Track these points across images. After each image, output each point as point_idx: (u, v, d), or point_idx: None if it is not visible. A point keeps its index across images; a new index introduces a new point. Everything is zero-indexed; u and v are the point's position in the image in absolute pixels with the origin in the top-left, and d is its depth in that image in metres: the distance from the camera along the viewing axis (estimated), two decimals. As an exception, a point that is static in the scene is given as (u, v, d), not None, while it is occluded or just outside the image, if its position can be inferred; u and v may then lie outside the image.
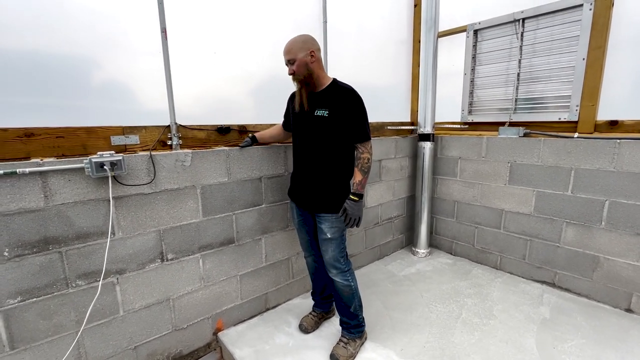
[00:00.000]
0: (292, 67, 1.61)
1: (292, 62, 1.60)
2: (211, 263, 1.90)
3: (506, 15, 2.54)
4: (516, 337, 1.92)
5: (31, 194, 1.33)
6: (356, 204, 1.62)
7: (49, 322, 1.43)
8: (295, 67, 1.60)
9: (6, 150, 1.35)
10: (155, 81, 1.69)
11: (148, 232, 1.65)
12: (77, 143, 1.51)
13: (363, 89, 1.82)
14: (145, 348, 1.72)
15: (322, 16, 2.36)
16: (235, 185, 1.93)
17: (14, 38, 1.33)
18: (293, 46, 1.60)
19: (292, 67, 1.61)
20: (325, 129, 1.63)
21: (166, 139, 1.75)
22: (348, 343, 1.81)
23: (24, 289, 1.36)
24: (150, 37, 1.65)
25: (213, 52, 1.88)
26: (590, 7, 2.14)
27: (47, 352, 1.43)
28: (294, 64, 1.60)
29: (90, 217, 1.48)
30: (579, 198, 2.27)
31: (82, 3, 1.46)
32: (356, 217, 1.63)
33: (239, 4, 1.94)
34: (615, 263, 2.18)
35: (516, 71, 2.56)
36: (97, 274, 1.51)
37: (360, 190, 1.63)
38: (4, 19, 1.30)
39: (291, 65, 1.61)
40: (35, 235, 1.36)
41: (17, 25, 1.33)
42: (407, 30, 3.07)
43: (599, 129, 2.22)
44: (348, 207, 1.62)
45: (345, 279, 1.76)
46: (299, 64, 1.59)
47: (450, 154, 2.98)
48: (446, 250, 3.17)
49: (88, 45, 1.49)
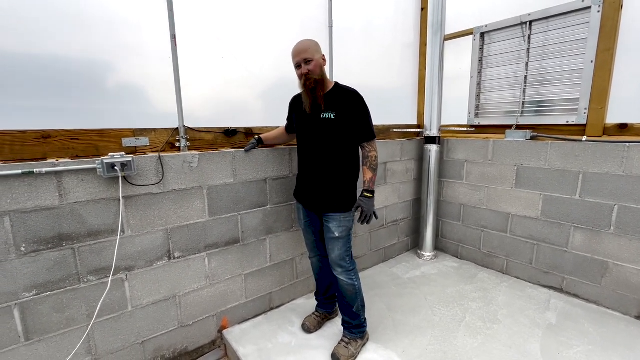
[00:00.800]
0: (307, 66, 1.62)
1: (308, 61, 1.62)
2: (217, 262, 1.95)
3: (513, 18, 2.53)
4: (520, 342, 1.90)
5: (47, 193, 1.40)
6: (370, 200, 1.70)
7: (61, 315, 1.49)
8: (311, 67, 1.62)
9: (25, 151, 1.43)
10: (165, 85, 1.76)
11: (156, 231, 1.71)
12: (90, 144, 1.58)
13: (369, 92, 1.86)
14: (152, 343, 1.78)
15: (328, 20, 2.40)
16: (240, 186, 1.98)
17: (35, 42, 1.41)
18: (310, 46, 1.63)
19: (307, 67, 1.62)
20: (333, 131, 1.68)
21: (175, 141, 1.81)
22: (349, 343, 1.82)
23: (39, 283, 1.43)
24: (161, 43, 1.72)
25: (220, 57, 1.93)
26: (598, 10, 2.12)
27: (59, 344, 1.50)
28: (309, 64, 1.62)
29: (102, 216, 1.54)
30: (587, 202, 2.23)
31: (99, 10, 1.53)
32: (370, 213, 1.71)
33: (246, 11, 2.00)
34: (624, 269, 2.13)
35: (523, 74, 2.55)
36: (107, 270, 1.58)
37: (372, 187, 1.72)
38: (26, 24, 1.38)
39: (307, 64, 1.62)
40: (50, 232, 1.43)
41: (37, 31, 1.41)
42: (413, 34, 3.08)
43: (608, 132, 2.19)
44: (363, 203, 1.69)
45: (350, 278, 1.78)
46: (316, 64, 1.63)
47: (457, 156, 2.97)
48: (452, 254, 3.15)
49: (102, 51, 1.57)
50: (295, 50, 1.65)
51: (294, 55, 1.66)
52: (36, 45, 1.41)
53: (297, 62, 1.65)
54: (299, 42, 1.67)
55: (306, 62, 1.62)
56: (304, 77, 1.64)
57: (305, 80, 1.64)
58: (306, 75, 1.63)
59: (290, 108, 1.94)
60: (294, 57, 1.66)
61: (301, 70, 1.64)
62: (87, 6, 1.50)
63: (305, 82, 1.65)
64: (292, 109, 1.91)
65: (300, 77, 1.68)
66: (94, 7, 1.52)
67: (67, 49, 1.48)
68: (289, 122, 1.98)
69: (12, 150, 1.40)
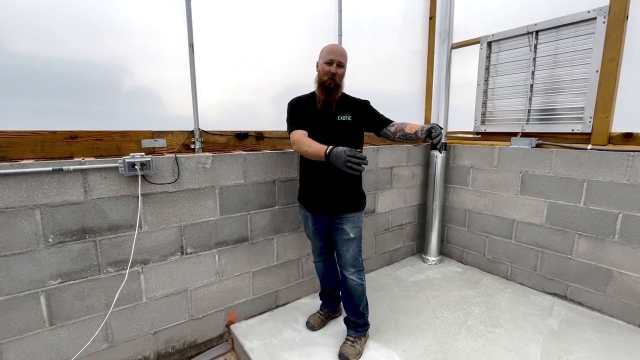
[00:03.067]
0: (338, 69, 1.71)
1: (342, 65, 1.73)
2: (226, 259, 2.04)
3: (520, 28, 2.58)
4: (520, 347, 1.93)
5: (73, 189, 1.52)
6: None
7: (82, 303, 1.61)
8: (341, 72, 1.73)
9: (55, 150, 1.55)
10: (181, 90, 1.87)
11: (170, 227, 1.81)
12: (113, 145, 1.70)
13: (377, 98, 1.95)
14: (164, 334, 1.87)
15: (337, 29, 2.50)
16: (250, 187, 2.08)
17: (61, 47, 1.54)
18: (346, 55, 1.76)
19: (338, 70, 1.71)
20: (350, 131, 1.80)
21: (190, 143, 1.92)
22: (355, 341, 1.88)
23: (63, 272, 1.55)
24: (179, 50, 1.83)
25: (234, 64, 2.04)
26: (603, 21, 2.16)
27: (79, 329, 1.61)
28: (341, 68, 1.73)
29: (121, 211, 1.65)
30: (592, 210, 2.25)
31: (121, 18, 1.66)
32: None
33: (258, 20, 2.11)
34: (629, 277, 2.14)
35: (529, 82, 2.58)
36: (125, 262, 1.69)
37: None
38: (52, 30, 1.51)
39: (339, 68, 1.72)
40: (75, 225, 1.55)
41: (63, 36, 1.54)
42: (421, 42, 3.15)
43: (613, 141, 2.21)
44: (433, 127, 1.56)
45: (360, 278, 1.85)
46: (343, 72, 1.76)
47: (463, 163, 3.01)
48: (457, 259, 3.17)
49: (124, 56, 1.69)
50: (334, 49, 1.72)
51: (330, 52, 1.71)
52: (62, 50, 1.53)
53: (332, 60, 1.70)
54: (337, 45, 1.77)
55: (339, 65, 1.72)
56: (330, 76, 1.70)
57: (329, 80, 1.71)
58: (333, 76, 1.71)
59: (296, 108, 1.81)
60: (330, 54, 1.70)
61: (331, 68, 1.70)
62: (108, 14, 1.62)
63: (328, 81, 1.70)
64: (299, 110, 1.80)
65: (325, 73, 1.70)
66: (115, 15, 1.64)
67: (89, 54, 1.60)
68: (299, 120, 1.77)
69: (43, 149, 1.53)
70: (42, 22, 1.47)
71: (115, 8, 1.62)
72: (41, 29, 1.47)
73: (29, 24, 1.44)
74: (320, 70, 1.75)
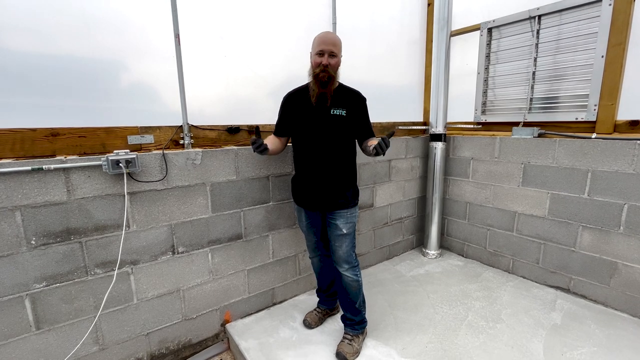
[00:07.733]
0: (330, 59, 1.60)
1: (334, 55, 1.61)
2: (220, 257, 1.99)
3: (521, 12, 2.48)
4: (523, 342, 1.88)
5: (55, 189, 1.46)
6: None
7: (70, 306, 1.56)
8: (333, 62, 1.62)
9: (35, 148, 1.48)
10: (170, 83, 1.79)
11: (160, 226, 1.75)
12: (97, 142, 1.63)
13: (374, 89, 1.87)
14: (157, 335, 1.83)
15: (331, 17, 2.40)
16: (243, 183, 2.01)
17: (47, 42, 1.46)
18: (339, 43, 1.64)
19: (330, 60, 1.59)
20: (344, 127, 1.71)
21: (179, 138, 1.85)
22: (352, 339, 1.83)
23: (48, 275, 1.49)
24: (166, 43, 1.75)
25: (223, 56, 1.96)
26: (610, 3, 2.06)
27: (68, 333, 1.56)
28: (333, 58, 1.61)
29: (108, 211, 1.59)
30: (596, 201, 2.18)
31: (104, 10, 1.57)
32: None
33: (250, 10, 2.01)
34: (634, 270, 2.08)
35: (532, 70, 2.49)
36: (113, 263, 1.63)
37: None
38: (36, 26, 1.43)
39: (332, 57, 1.60)
40: (59, 226, 1.49)
41: (42, 29, 1.46)
42: (419, 30, 3.05)
43: (619, 129, 2.13)
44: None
45: (355, 274, 1.80)
46: (337, 62, 1.65)
47: (463, 154, 2.93)
48: (457, 252, 3.12)
49: (108, 50, 1.61)
50: (325, 38, 1.60)
51: (321, 42, 1.60)
52: (47, 46, 1.46)
53: (322, 50, 1.59)
54: (329, 32, 1.65)
55: (331, 55, 1.60)
56: (322, 68, 1.60)
57: (321, 72, 1.61)
58: (325, 67, 1.60)
59: (286, 107, 1.81)
60: (321, 44, 1.59)
61: (322, 59, 1.59)
62: (91, 7, 1.54)
63: (320, 73, 1.61)
64: (290, 107, 1.80)
65: (317, 65, 1.61)
66: (98, 8, 1.56)
67: (72, 49, 1.52)
68: (280, 124, 1.84)
69: (23, 147, 1.46)
70: (21, 15, 1.39)
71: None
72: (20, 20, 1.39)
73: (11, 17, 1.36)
74: (312, 62, 1.67)
